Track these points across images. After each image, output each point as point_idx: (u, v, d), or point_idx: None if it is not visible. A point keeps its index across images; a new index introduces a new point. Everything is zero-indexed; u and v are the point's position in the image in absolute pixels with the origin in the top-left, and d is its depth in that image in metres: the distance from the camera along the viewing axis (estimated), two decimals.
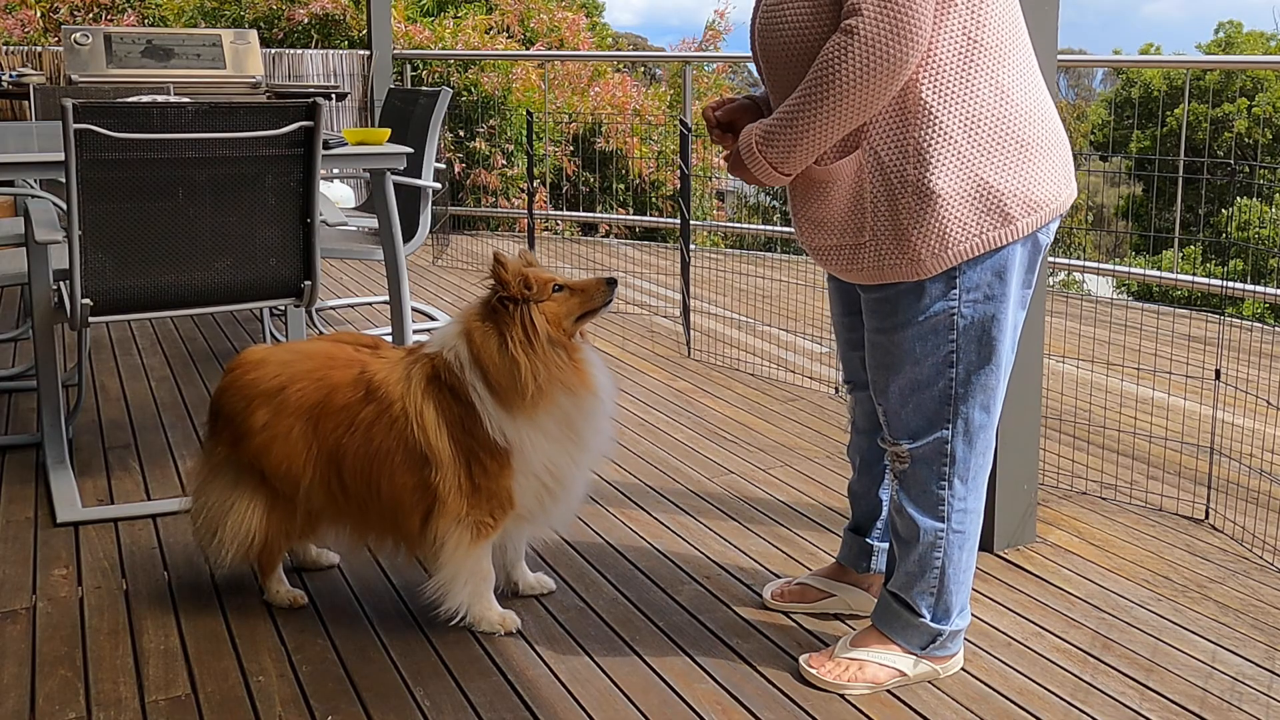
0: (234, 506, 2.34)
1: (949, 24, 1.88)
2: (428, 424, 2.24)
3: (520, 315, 2.22)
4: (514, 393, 2.22)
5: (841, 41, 1.84)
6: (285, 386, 2.32)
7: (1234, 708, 2.12)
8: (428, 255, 6.77)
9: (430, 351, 2.32)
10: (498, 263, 2.25)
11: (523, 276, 2.24)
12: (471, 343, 2.25)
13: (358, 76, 7.72)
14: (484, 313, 2.27)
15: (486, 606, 2.35)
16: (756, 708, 2.10)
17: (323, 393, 2.31)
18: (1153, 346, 4.43)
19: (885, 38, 1.81)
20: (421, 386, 2.27)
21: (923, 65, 1.89)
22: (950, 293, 1.98)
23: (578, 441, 2.30)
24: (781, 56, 1.98)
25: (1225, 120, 17.70)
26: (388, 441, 2.26)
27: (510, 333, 2.22)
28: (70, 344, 4.44)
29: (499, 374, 2.22)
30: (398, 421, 2.26)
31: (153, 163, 2.80)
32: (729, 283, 5.81)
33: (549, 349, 2.23)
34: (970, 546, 2.14)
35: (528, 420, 2.24)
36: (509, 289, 2.23)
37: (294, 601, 2.45)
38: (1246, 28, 23.55)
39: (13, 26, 8.59)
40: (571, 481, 2.33)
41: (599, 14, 15.67)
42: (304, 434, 2.30)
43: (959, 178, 1.90)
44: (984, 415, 2.07)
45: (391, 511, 2.30)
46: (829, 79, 1.86)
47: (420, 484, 2.26)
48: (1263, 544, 2.83)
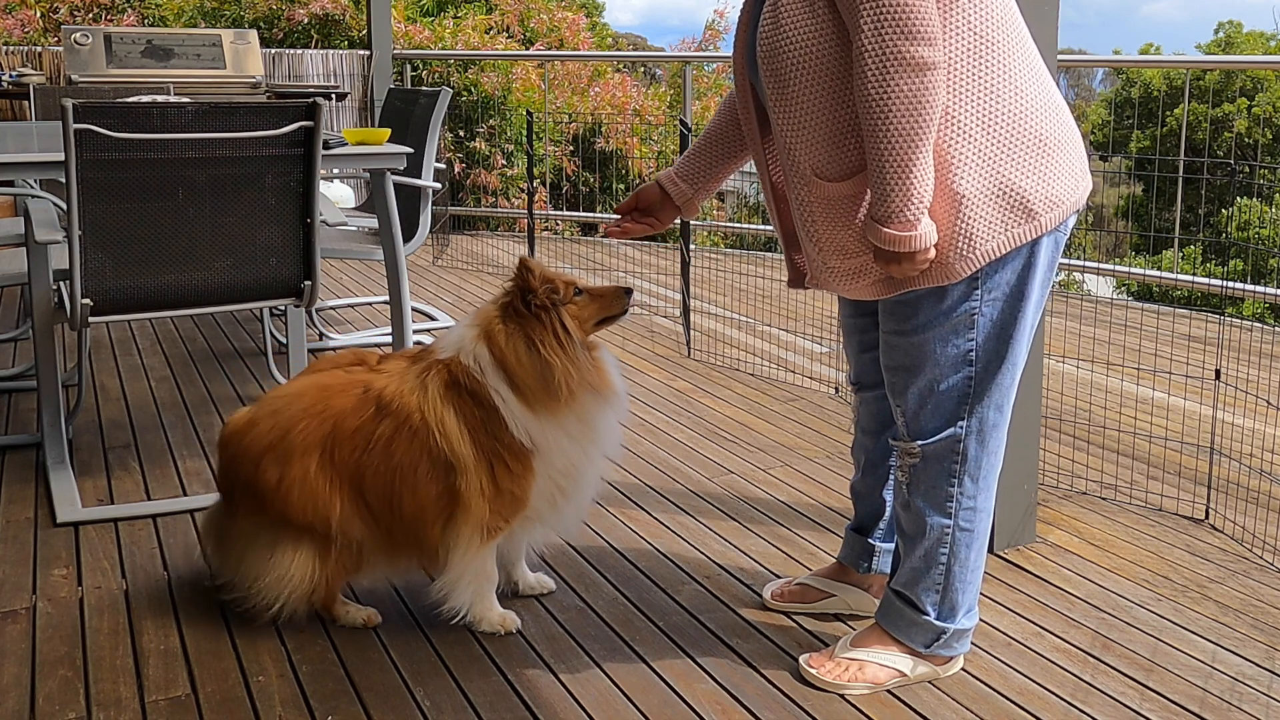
0: (283, 570, 2.26)
1: (956, 23, 1.86)
2: (449, 431, 2.22)
3: (552, 319, 2.22)
4: (546, 394, 2.21)
5: (861, 70, 1.80)
6: (286, 433, 2.26)
7: (1234, 708, 2.12)
8: (428, 255, 6.77)
9: (445, 357, 2.29)
10: (525, 268, 2.23)
11: (549, 282, 2.24)
12: (494, 345, 2.23)
13: (358, 76, 7.72)
14: (504, 315, 2.26)
15: (488, 607, 2.35)
16: (756, 708, 2.10)
17: (329, 424, 2.26)
18: (1153, 346, 4.43)
19: (896, 42, 1.77)
20: (440, 394, 2.25)
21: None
22: (973, 293, 1.97)
23: (595, 441, 2.31)
24: (791, 70, 1.91)
25: (1225, 120, 17.70)
26: (410, 454, 2.23)
27: (540, 336, 2.21)
28: (70, 344, 4.44)
29: (528, 376, 2.22)
30: (419, 433, 2.23)
31: (153, 163, 2.80)
32: (729, 283, 5.81)
33: (580, 351, 2.24)
34: (979, 546, 2.14)
35: (552, 421, 2.24)
36: (537, 295, 2.23)
37: (368, 620, 2.37)
38: (1246, 28, 23.57)
39: (13, 26, 8.59)
40: (585, 481, 2.34)
41: (599, 14, 15.68)
42: (321, 470, 2.24)
43: (982, 177, 1.89)
44: (997, 414, 2.07)
45: (414, 525, 2.26)
46: (881, 112, 1.79)
47: (444, 491, 2.24)
48: (1263, 544, 2.83)
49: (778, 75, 1.94)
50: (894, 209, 1.83)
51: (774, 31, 1.92)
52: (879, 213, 1.86)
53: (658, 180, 2.32)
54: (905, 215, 1.83)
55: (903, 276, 1.93)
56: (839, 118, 1.91)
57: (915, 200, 1.83)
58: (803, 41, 1.89)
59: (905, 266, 1.89)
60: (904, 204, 1.83)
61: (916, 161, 1.81)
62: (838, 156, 1.93)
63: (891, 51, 1.77)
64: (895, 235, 1.85)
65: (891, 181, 1.82)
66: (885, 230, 1.85)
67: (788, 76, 1.93)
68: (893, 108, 1.79)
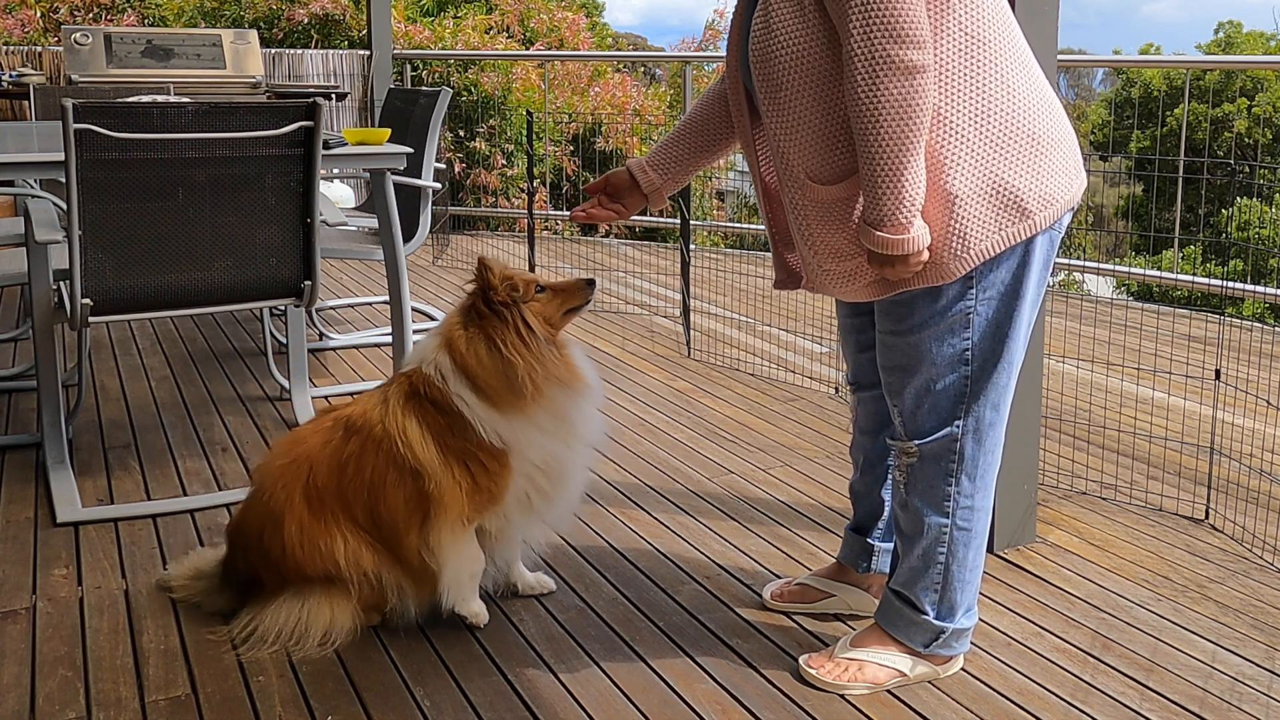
0: (318, 615, 2.27)
1: (946, 22, 1.86)
2: (412, 439, 2.24)
3: (514, 316, 2.24)
4: (510, 393, 2.23)
5: (851, 75, 1.80)
6: (271, 497, 2.27)
7: (1234, 708, 2.12)
8: (428, 255, 6.77)
9: (407, 370, 2.32)
10: (484, 266, 2.25)
11: (509, 279, 2.25)
12: (455, 352, 2.25)
13: (358, 76, 7.72)
14: (465, 320, 2.28)
15: (471, 591, 2.35)
16: (756, 708, 2.10)
17: (304, 467, 2.28)
18: (1153, 346, 4.43)
19: (885, 46, 1.77)
20: (400, 405, 2.27)
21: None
22: (968, 292, 1.97)
23: (573, 434, 2.32)
24: (783, 75, 1.91)
25: (1225, 120, 17.69)
26: (378, 466, 2.25)
27: (502, 335, 2.23)
28: (70, 344, 4.44)
29: (491, 376, 2.23)
30: (383, 444, 2.25)
31: (153, 163, 2.80)
32: (729, 283, 5.81)
33: (544, 347, 2.25)
34: (977, 545, 2.14)
35: (522, 418, 2.25)
36: (497, 292, 2.24)
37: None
38: (1246, 28, 23.57)
39: (13, 26, 8.59)
40: (568, 475, 2.34)
41: (599, 14, 15.68)
42: (312, 512, 2.26)
43: (975, 177, 1.89)
44: (994, 413, 2.07)
45: (392, 533, 2.26)
46: (872, 116, 1.79)
47: (413, 496, 2.25)
48: (1263, 544, 2.83)
49: (770, 80, 1.94)
50: (886, 212, 1.84)
51: (765, 36, 1.92)
52: (871, 216, 1.86)
53: (628, 167, 2.31)
54: (898, 218, 1.83)
55: (897, 279, 1.93)
56: (831, 121, 1.91)
57: (907, 203, 1.83)
58: (794, 46, 1.89)
59: (899, 269, 1.89)
60: (896, 207, 1.83)
61: (908, 165, 1.81)
62: (831, 160, 1.93)
63: (881, 55, 1.77)
64: (888, 239, 1.85)
65: (883, 185, 1.82)
66: (878, 234, 1.85)
67: (780, 81, 1.92)
68: (883, 112, 1.79)
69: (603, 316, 5.22)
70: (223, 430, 3.60)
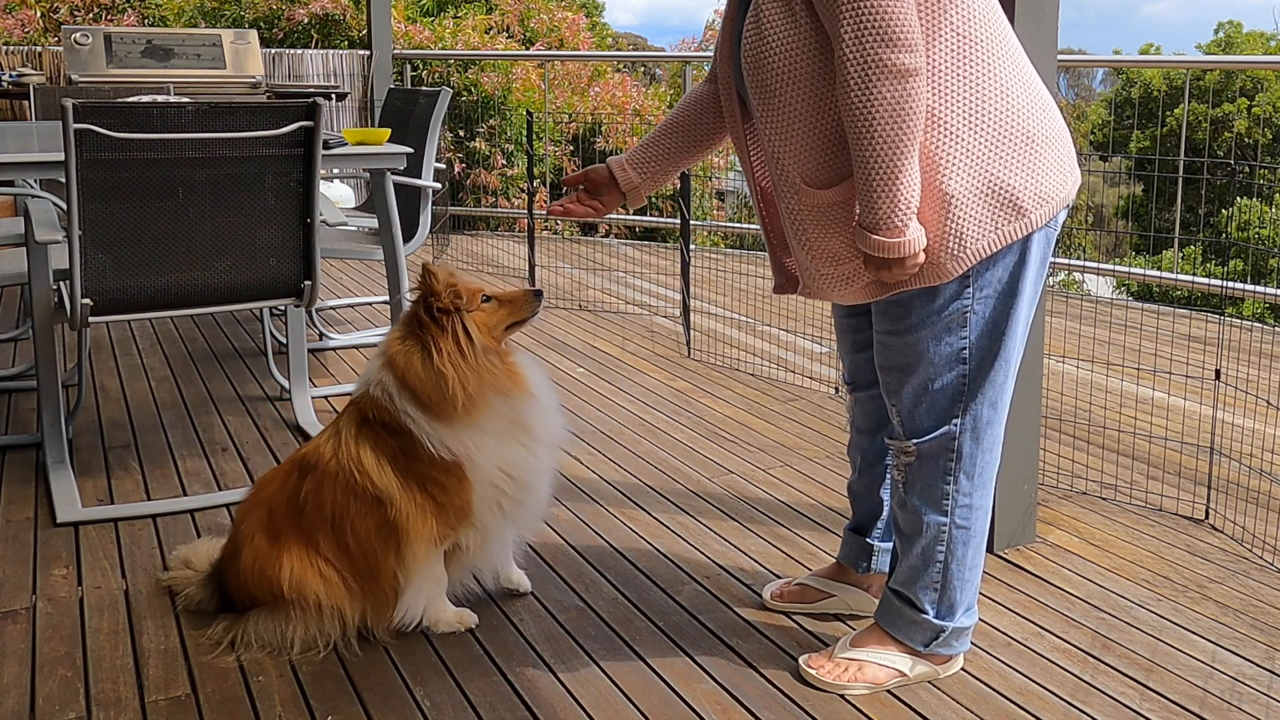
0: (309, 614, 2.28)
1: (939, 24, 1.86)
2: (368, 467, 2.23)
3: (452, 324, 2.21)
4: (445, 403, 2.20)
5: (844, 79, 1.79)
6: (241, 556, 2.28)
7: (1234, 708, 2.12)
8: (428, 255, 6.76)
9: (355, 397, 2.31)
10: (428, 273, 2.23)
11: (453, 287, 2.23)
12: (395, 368, 2.23)
13: (358, 76, 7.72)
14: (404, 333, 2.26)
15: (442, 607, 2.35)
16: (756, 708, 2.10)
17: (264, 511, 2.29)
18: (1153, 346, 4.43)
19: (877, 49, 1.77)
20: (353, 435, 2.26)
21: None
22: (964, 291, 1.97)
23: (529, 436, 2.30)
24: (775, 80, 1.91)
25: (1225, 120, 17.69)
26: (338, 499, 2.24)
27: (439, 343, 2.20)
28: (70, 344, 4.44)
29: (427, 388, 2.21)
30: (338, 477, 2.24)
31: (153, 163, 2.80)
32: (729, 283, 5.81)
33: (481, 356, 2.23)
34: (977, 544, 2.14)
35: (468, 427, 2.23)
36: (440, 299, 2.22)
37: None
38: (1246, 28, 23.57)
39: (13, 26, 8.59)
40: (532, 479, 2.33)
41: (599, 14, 15.68)
42: (281, 551, 2.25)
43: (970, 176, 1.89)
44: (992, 412, 2.07)
45: (366, 563, 2.26)
46: (865, 120, 1.79)
47: (381, 524, 2.24)
48: (1263, 544, 2.83)
49: (763, 85, 1.94)
50: (881, 216, 1.84)
51: (757, 42, 1.92)
52: (867, 220, 1.86)
53: (607, 164, 2.30)
54: (893, 221, 1.84)
55: (894, 281, 1.94)
56: (825, 125, 1.90)
57: (902, 206, 1.83)
58: (785, 50, 1.89)
59: (895, 272, 1.90)
60: (891, 210, 1.83)
61: (902, 168, 1.81)
62: (826, 164, 1.93)
63: (873, 59, 1.77)
64: (884, 242, 1.85)
65: (878, 189, 1.82)
66: (873, 237, 1.86)
67: (772, 86, 1.92)
68: (876, 116, 1.79)
69: (603, 316, 5.22)
70: (223, 430, 3.60)
